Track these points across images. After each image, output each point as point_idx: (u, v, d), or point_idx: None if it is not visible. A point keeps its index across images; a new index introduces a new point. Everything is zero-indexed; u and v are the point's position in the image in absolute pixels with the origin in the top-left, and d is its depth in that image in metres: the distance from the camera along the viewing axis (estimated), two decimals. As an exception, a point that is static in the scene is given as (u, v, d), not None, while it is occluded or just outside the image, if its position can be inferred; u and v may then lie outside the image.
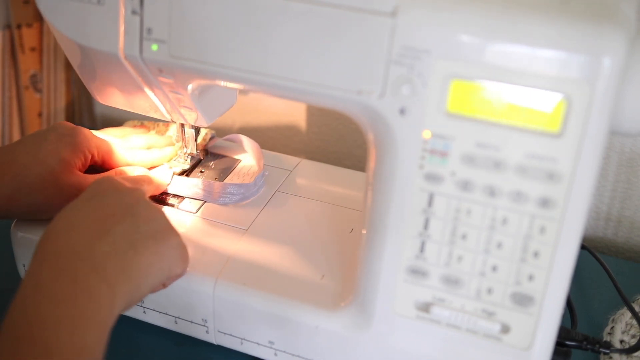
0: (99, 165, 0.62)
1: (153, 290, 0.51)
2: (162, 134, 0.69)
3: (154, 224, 0.49)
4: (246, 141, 0.71)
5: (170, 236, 0.50)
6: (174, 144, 0.68)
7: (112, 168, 0.62)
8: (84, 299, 0.42)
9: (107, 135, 0.64)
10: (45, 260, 0.43)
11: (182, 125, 0.66)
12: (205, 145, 0.71)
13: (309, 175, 0.70)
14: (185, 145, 0.67)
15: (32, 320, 0.40)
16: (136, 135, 0.67)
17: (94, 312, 0.42)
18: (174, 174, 0.65)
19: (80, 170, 0.59)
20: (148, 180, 0.60)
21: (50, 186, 0.56)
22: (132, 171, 0.62)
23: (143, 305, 0.59)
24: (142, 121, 0.72)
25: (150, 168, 0.65)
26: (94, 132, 0.62)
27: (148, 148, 0.66)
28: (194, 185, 0.64)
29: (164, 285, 0.52)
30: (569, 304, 0.61)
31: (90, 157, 0.60)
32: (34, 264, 0.43)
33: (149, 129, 0.70)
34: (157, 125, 0.71)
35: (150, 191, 0.61)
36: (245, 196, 0.65)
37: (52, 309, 0.40)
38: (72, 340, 0.40)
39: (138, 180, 0.58)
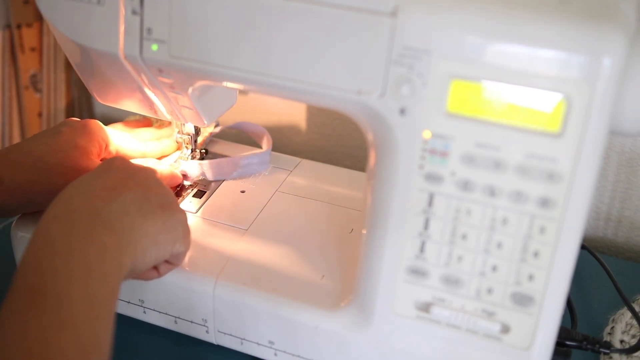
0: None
1: (148, 277, 0.52)
2: (166, 126, 0.70)
3: (164, 198, 0.51)
4: (253, 126, 0.72)
5: (177, 211, 0.51)
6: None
7: None
8: (93, 251, 0.43)
9: (116, 130, 0.65)
10: (56, 219, 0.44)
11: (182, 125, 0.66)
12: (211, 134, 0.71)
13: (309, 175, 0.70)
14: (186, 146, 0.67)
15: (44, 272, 0.40)
16: (145, 128, 0.68)
17: (102, 263, 0.43)
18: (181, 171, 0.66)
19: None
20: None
21: (69, 171, 0.57)
22: (145, 163, 0.63)
23: (143, 305, 0.59)
24: (144, 115, 0.72)
25: (159, 158, 0.67)
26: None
27: (157, 139, 0.68)
28: (203, 165, 0.66)
29: (160, 273, 0.53)
30: (569, 304, 0.61)
31: (104, 146, 0.61)
32: (43, 223, 0.44)
33: (151, 122, 0.70)
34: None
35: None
36: (260, 165, 0.67)
37: (63, 261, 0.41)
38: (83, 291, 0.41)
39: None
